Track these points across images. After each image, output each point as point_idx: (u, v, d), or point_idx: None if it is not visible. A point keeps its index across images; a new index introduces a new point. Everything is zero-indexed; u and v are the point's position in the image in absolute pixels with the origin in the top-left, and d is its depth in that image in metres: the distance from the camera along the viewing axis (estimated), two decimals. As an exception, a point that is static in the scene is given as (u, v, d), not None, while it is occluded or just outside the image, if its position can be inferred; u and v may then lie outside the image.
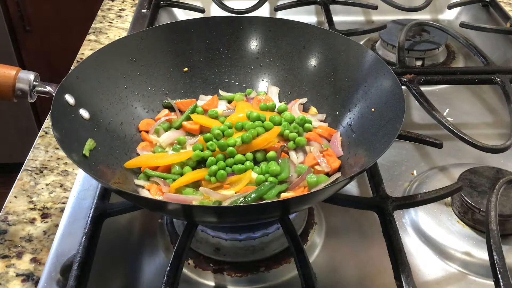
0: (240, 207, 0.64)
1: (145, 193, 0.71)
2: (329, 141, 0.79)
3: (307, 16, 1.31)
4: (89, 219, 0.68)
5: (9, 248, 0.73)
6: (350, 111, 0.80)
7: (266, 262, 0.69)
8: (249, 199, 0.67)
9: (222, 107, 0.86)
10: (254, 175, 0.72)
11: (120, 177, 0.72)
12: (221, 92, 0.89)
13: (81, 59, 1.12)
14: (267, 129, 0.77)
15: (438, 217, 0.76)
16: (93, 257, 0.65)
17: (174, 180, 0.72)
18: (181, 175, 0.73)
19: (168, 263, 0.61)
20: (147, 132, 0.81)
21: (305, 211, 0.75)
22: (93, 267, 0.64)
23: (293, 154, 0.76)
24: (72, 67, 1.01)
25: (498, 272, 0.61)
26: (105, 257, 0.69)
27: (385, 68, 0.76)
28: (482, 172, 0.77)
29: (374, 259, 0.71)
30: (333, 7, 1.23)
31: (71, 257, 0.67)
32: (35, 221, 0.77)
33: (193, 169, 0.74)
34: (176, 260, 0.61)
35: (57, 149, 0.89)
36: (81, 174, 0.83)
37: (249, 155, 0.75)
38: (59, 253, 0.70)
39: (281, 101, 0.87)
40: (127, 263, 0.71)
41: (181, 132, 0.81)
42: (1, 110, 2.28)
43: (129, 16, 1.30)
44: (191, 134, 0.81)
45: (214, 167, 0.72)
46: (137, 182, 0.73)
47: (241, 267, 0.69)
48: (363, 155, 0.73)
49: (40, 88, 0.74)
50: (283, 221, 0.66)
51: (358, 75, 0.80)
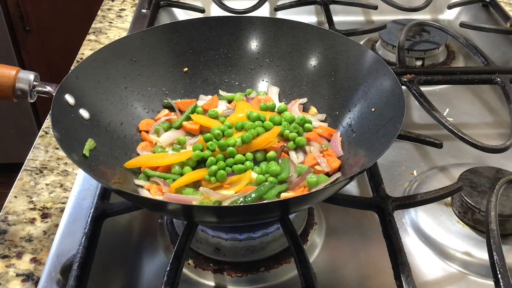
0: (240, 207, 0.64)
1: (145, 193, 0.71)
2: (329, 141, 0.79)
3: (307, 16, 1.31)
4: (89, 219, 0.68)
5: (9, 248, 0.73)
6: (350, 111, 0.80)
7: (266, 262, 0.69)
8: (249, 199, 0.67)
9: (222, 107, 0.86)
10: (254, 175, 0.72)
11: (120, 177, 0.72)
12: (221, 92, 0.89)
13: (81, 59, 1.12)
14: (267, 129, 0.77)
15: (438, 217, 0.76)
16: (93, 257, 0.65)
17: (174, 180, 0.72)
18: (181, 175, 0.73)
19: (168, 263, 0.61)
20: (147, 132, 0.81)
21: (305, 211, 0.75)
22: (93, 267, 0.64)
23: (293, 154, 0.76)
24: (72, 67, 1.01)
25: (498, 272, 0.61)
26: (105, 257, 0.69)
27: (385, 68, 0.76)
28: (482, 172, 0.77)
29: (374, 259, 0.71)
30: (333, 7, 1.23)
31: (71, 257, 0.67)
32: (35, 221, 0.77)
33: (193, 169, 0.74)
34: (176, 260, 0.61)
35: (57, 149, 0.89)
36: (81, 174, 0.83)
37: (249, 155, 0.75)
38: (59, 253, 0.70)
39: (281, 101, 0.87)
40: (127, 263, 0.71)
41: (181, 132, 0.81)
42: (1, 110, 2.28)
43: (129, 16, 1.30)
44: (191, 134, 0.81)
45: (214, 167, 0.72)
46: (137, 182, 0.73)
47: (241, 267, 0.69)
48: (363, 155, 0.73)
49: (40, 88, 0.74)
50: (283, 221, 0.65)
51: (358, 75, 0.80)
